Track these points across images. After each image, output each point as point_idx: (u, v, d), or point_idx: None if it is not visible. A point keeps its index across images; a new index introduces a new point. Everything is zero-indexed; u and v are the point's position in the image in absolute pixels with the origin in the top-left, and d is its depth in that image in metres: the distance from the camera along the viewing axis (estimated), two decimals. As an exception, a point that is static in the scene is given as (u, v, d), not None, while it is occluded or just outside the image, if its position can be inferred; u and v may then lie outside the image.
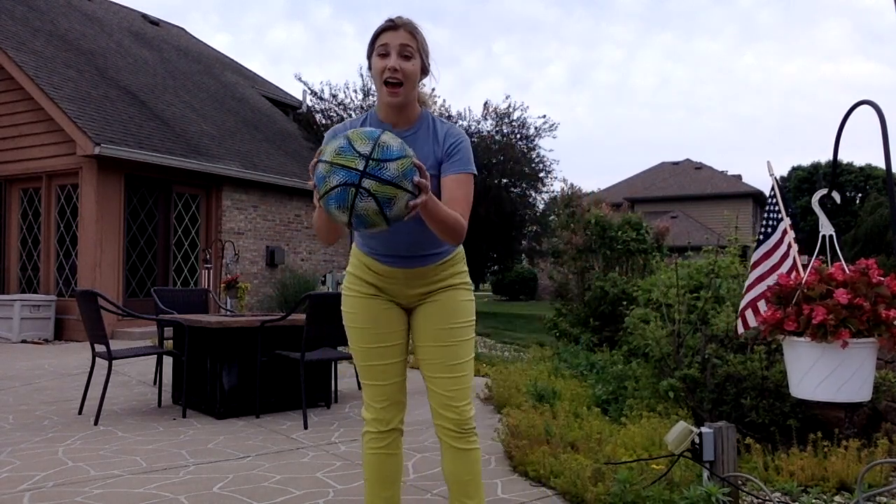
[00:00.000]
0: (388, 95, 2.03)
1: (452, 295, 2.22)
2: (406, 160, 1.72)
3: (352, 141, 1.72)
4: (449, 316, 2.20)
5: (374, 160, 1.68)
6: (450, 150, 2.09)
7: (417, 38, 2.04)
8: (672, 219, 29.12)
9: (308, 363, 4.84)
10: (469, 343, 2.24)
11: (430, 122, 2.15)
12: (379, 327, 2.22)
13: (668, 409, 3.93)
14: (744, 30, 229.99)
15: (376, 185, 1.67)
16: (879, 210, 16.12)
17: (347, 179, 1.68)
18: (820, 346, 2.12)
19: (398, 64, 2.00)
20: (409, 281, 2.20)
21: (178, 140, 11.74)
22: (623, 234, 7.94)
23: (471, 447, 2.19)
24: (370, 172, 1.68)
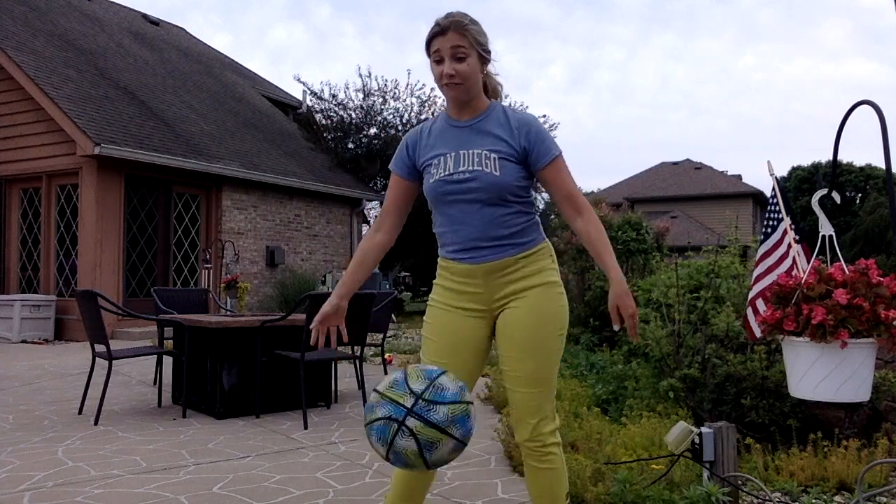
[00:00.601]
0: (450, 92, 2.05)
1: (540, 299, 2.07)
2: (460, 406, 1.67)
3: (408, 376, 1.71)
4: (535, 325, 2.06)
5: (424, 400, 1.65)
6: (529, 141, 2.06)
7: (467, 35, 2.01)
8: (672, 219, 29.12)
9: (308, 363, 4.84)
10: (555, 355, 2.10)
11: (500, 112, 2.12)
12: (448, 341, 2.12)
13: (668, 409, 3.93)
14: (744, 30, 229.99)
15: (420, 425, 1.63)
16: (879, 210, 16.12)
17: (392, 414, 1.65)
18: (819, 346, 2.12)
19: (453, 68, 2.01)
20: (488, 280, 2.08)
21: (178, 140, 11.74)
22: (623, 234, 7.94)
23: (543, 466, 2.10)
24: (417, 412, 1.64)
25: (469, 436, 1.71)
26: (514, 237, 2.07)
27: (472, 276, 2.09)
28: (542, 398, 2.08)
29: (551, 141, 2.09)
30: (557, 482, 2.13)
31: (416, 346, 9.19)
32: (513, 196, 2.06)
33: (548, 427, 2.10)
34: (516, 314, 2.07)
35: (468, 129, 2.10)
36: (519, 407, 2.10)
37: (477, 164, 2.04)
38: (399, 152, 2.20)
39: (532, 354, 2.06)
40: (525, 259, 2.09)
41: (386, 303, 5.84)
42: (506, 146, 2.05)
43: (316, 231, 14.57)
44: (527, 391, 2.07)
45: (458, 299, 2.13)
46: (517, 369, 2.08)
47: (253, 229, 12.93)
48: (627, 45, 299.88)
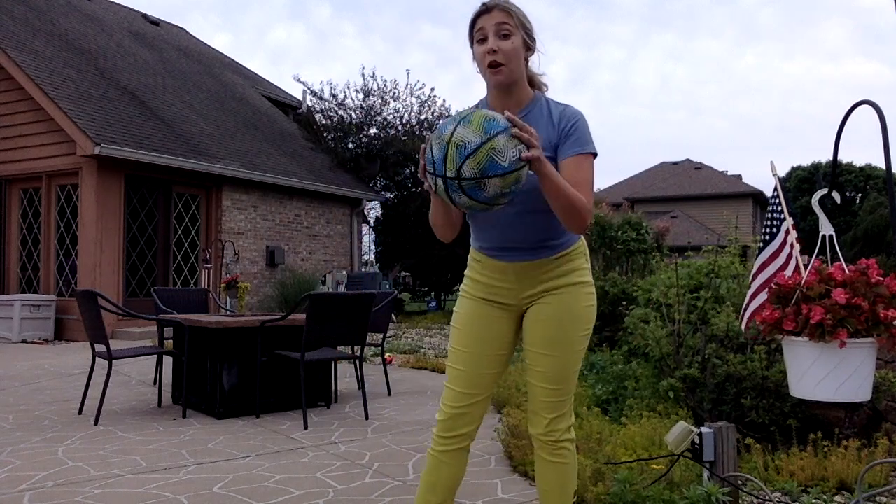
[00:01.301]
0: (492, 75, 1.95)
1: (570, 298, 2.05)
2: (481, 152, 1.67)
3: (431, 145, 1.75)
4: (560, 323, 2.04)
5: (453, 171, 1.70)
6: (566, 129, 1.96)
7: (514, 13, 1.95)
8: (672, 219, 29.12)
9: (308, 363, 4.84)
10: (579, 354, 2.09)
11: (544, 103, 2.03)
12: (476, 330, 2.10)
13: (668, 409, 3.93)
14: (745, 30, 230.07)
15: (459, 183, 1.70)
16: (879, 210, 16.11)
17: (436, 171, 1.73)
18: (818, 345, 2.11)
19: (497, 45, 1.92)
20: (521, 278, 2.06)
21: (178, 140, 11.74)
22: (623, 234, 7.94)
23: (556, 460, 2.10)
24: (449, 178, 1.70)
25: (512, 169, 1.68)
26: (551, 239, 2.04)
27: (504, 273, 2.08)
28: (561, 395, 2.08)
29: (588, 137, 1.98)
30: (568, 478, 2.13)
31: (416, 346, 9.19)
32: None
33: (563, 423, 2.10)
34: (545, 310, 2.06)
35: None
36: (537, 401, 2.10)
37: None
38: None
39: (556, 351, 2.05)
40: (560, 259, 2.06)
41: (386, 303, 5.84)
42: (549, 146, 1.97)
43: (316, 231, 14.57)
44: (547, 387, 2.07)
45: (488, 292, 2.11)
46: (540, 364, 2.07)
47: (253, 229, 12.93)
48: (627, 45, 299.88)
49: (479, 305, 2.12)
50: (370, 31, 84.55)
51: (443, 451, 2.11)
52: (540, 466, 2.15)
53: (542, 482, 2.15)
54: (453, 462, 2.12)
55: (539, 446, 2.12)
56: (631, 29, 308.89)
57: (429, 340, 10.31)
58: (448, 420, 2.10)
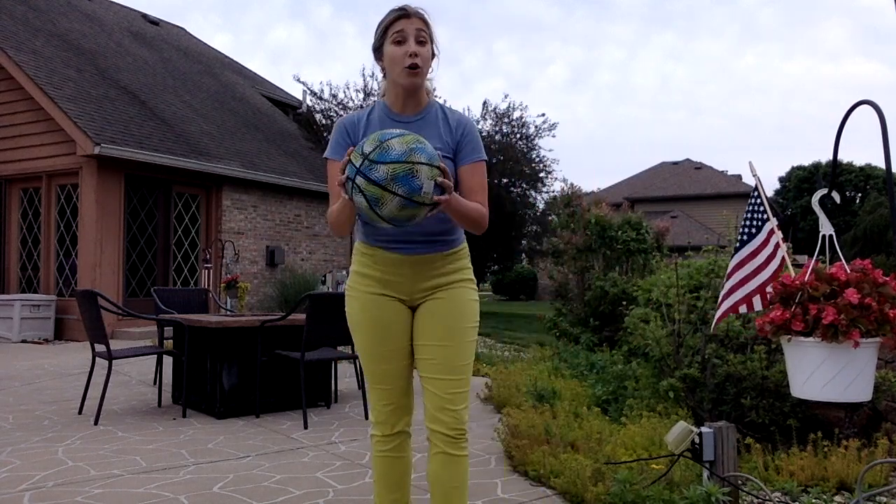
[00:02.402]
0: (410, 76, 2.06)
1: (459, 293, 2.17)
2: (401, 166, 1.77)
3: (365, 141, 1.85)
4: (454, 315, 2.15)
5: (369, 161, 1.79)
6: (462, 138, 2.13)
7: (429, 25, 2.09)
8: (672, 219, 29.12)
9: (308, 363, 4.84)
10: (472, 345, 2.19)
11: (438, 109, 2.18)
12: (383, 328, 2.16)
13: (668, 409, 3.93)
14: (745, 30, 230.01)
15: (365, 183, 1.79)
16: (879, 210, 16.11)
17: (349, 174, 1.83)
18: (828, 346, 2.11)
19: (416, 49, 2.04)
20: (415, 272, 2.14)
21: (178, 140, 11.74)
22: (623, 234, 7.94)
23: (462, 453, 2.14)
24: (362, 171, 1.79)
25: (417, 194, 1.78)
26: (445, 234, 2.15)
27: (398, 266, 2.15)
28: (462, 385, 2.15)
29: (480, 144, 2.16)
30: (468, 469, 2.19)
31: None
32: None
33: (466, 416, 2.16)
34: (439, 304, 2.15)
35: (410, 126, 2.11)
36: (440, 395, 2.13)
37: None
38: (337, 139, 2.16)
39: (454, 341, 2.13)
40: (451, 256, 2.18)
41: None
42: (446, 145, 2.11)
43: (316, 231, 14.57)
44: (447, 378, 2.12)
45: (382, 287, 2.17)
46: (437, 356, 2.13)
47: (253, 229, 12.93)
48: (627, 45, 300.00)
49: (372, 302, 2.18)
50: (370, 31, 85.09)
51: (392, 448, 2.24)
52: (445, 464, 2.14)
53: (449, 481, 2.15)
54: (404, 454, 2.27)
55: (446, 442, 2.13)
56: (631, 29, 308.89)
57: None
58: (385, 422, 2.22)
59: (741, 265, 2.64)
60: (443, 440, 2.13)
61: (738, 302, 2.65)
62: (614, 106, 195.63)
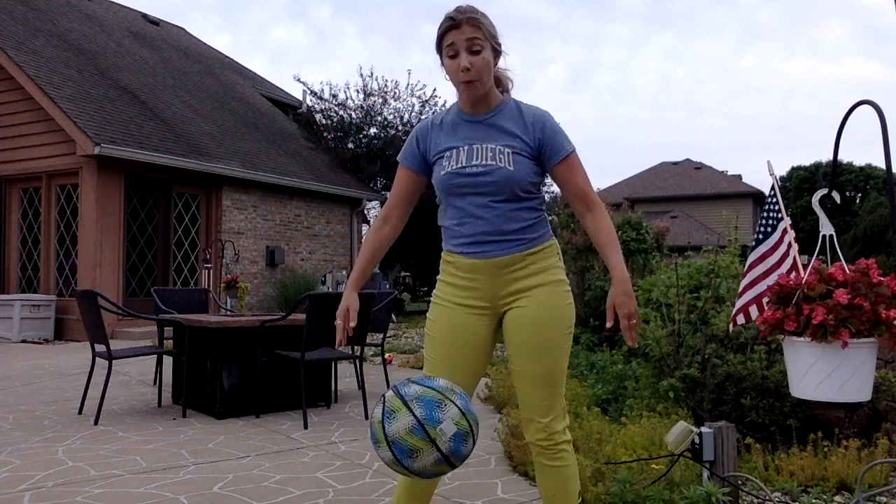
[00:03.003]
0: (467, 91, 2.02)
1: (547, 297, 2.05)
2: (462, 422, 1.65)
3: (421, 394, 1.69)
4: (544, 324, 2.04)
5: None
6: (544, 137, 2.04)
7: (482, 27, 2.00)
8: (672, 219, 29.12)
9: (308, 363, 4.83)
10: (564, 353, 2.08)
11: (513, 105, 2.10)
12: (451, 340, 2.08)
13: (668, 409, 3.93)
14: (745, 30, 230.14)
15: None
16: (879, 210, 16.12)
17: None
18: (820, 346, 2.11)
19: (469, 61, 1.97)
20: (494, 276, 2.05)
21: (178, 140, 11.74)
22: (623, 234, 7.94)
23: (556, 464, 2.07)
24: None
25: (459, 457, 1.65)
26: (523, 232, 2.04)
27: (477, 272, 2.06)
28: (552, 397, 2.06)
29: (565, 137, 2.07)
30: (570, 480, 2.10)
31: (416, 347, 9.19)
32: (524, 192, 2.04)
33: (560, 425, 2.07)
34: (524, 313, 2.04)
35: (482, 124, 2.07)
36: (529, 406, 2.07)
37: (491, 159, 2.02)
38: (408, 144, 2.17)
39: (541, 353, 2.04)
40: (533, 256, 2.06)
41: (386, 303, 5.84)
42: (519, 142, 2.04)
43: (316, 231, 14.57)
44: (537, 390, 2.05)
45: (462, 296, 2.09)
46: (527, 368, 2.05)
47: (253, 229, 12.93)
48: (627, 45, 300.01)
49: (453, 312, 2.10)
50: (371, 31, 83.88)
51: None
52: (541, 473, 2.11)
53: (546, 488, 2.11)
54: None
55: (538, 452, 2.08)
56: (631, 29, 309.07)
57: (429, 340, 10.29)
58: None
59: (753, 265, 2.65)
60: (535, 450, 2.09)
61: (747, 303, 2.66)
62: (614, 106, 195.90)
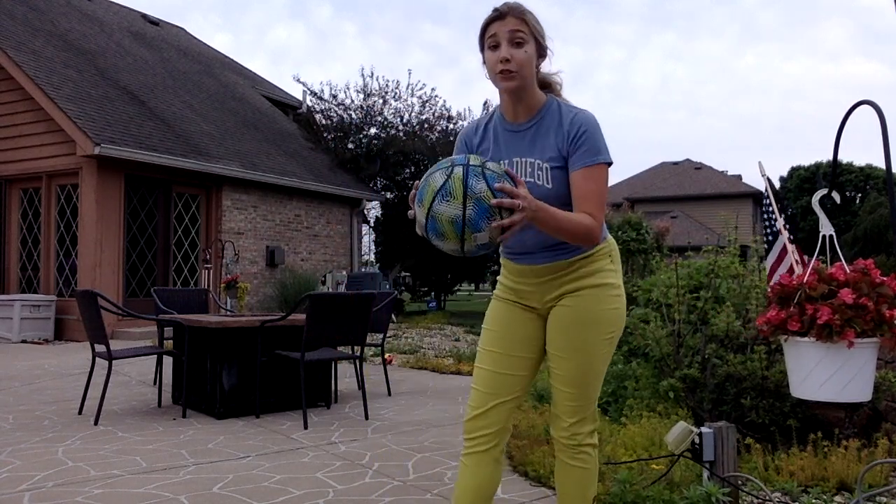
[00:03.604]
0: (502, 81, 1.91)
1: (590, 300, 2.01)
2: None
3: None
4: (581, 325, 2.01)
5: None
6: (575, 139, 1.92)
7: (528, 21, 1.91)
8: (672, 219, 29.12)
9: (308, 363, 4.83)
10: (601, 358, 2.04)
11: (556, 108, 1.99)
12: (503, 333, 2.09)
13: (668, 409, 3.93)
14: (745, 30, 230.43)
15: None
16: (879, 210, 16.13)
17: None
18: (824, 346, 2.11)
19: (510, 53, 1.89)
20: (540, 280, 2.05)
21: (178, 140, 11.74)
22: (623, 234, 7.94)
23: (575, 464, 2.08)
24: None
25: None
26: (564, 244, 1.99)
27: (525, 276, 2.09)
28: (582, 399, 2.05)
29: (599, 145, 1.93)
30: (587, 482, 2.10)
31: (416, 347, 9.19)
32: (567, 206, 1.94)
33: (585, 428, 2.08)
34: (564, 312, 2.04)
35: (522, 135, 2.01)
36: (558, 404, 2.09)
37: (529, 176, 1.96)
38: (458, 148, 2.13)
39: (575, 354, 2.02)
40: (581, 261, 2.03)
41: (386, 303, 5.84)
42: (558, 154, 1.95)
43: (316, 231, 14.57)
44: (567, 391, 2.05)
45: (516, 295, 2.13)
46: (559, 367, 2.06)
47: (253, 229, 12.93)
48: (628, 45, 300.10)
49: (507, 307, 2.14)
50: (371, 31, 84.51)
51: (467, 455, 2.05)
52: (560, 469, 2.13)
53: (562, 486, 2.13)
54: (476, 467, 2.03)
55: (559, 449, 2.11)
56: (631, 29, 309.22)
57: (429, 340, 10.30)
58: (471, 420, 2.06)
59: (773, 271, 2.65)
60: (558, 446, 2.11)
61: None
62: (614, 106, 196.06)
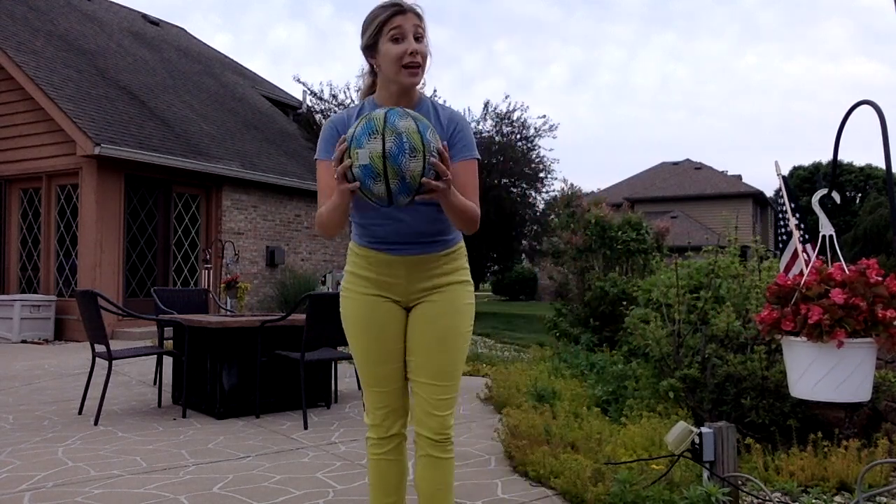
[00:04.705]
0: (409, 77, 1.98)
1: (453, 296, 2.12)
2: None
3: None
4: (446, 320, 2.10)
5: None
6: (454, 135, 2.04)
7: (423, 21, 2.00)
8: (672, 219, 29.11)
9: (308, 363, 4.84)
10: (464, 350, 2.15)
11: (430, 104, 2.09)
12: (377, 329, 2.12)
13: (668, 409, 3.93)
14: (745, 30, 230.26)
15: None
16: (879, 210, 16.13)
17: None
18: (816, 345, 2.11)
19: (416, 46, 1.95)
20: (410, 272, 2.09)
21: (178, 140, 11.74)
22: (623, 234, 7.94)
23: (447, 456, 2.12)
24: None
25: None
26: (441, 234, 2.09)
27: (393, 267, 2.10)
28: (452, 391, 2.12)
29: (473, 142, 2.08)
30: (452, 472, 2.16)
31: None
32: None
33: (452, 420, 2.14)
34: (434, 308, 2.11)
35: None
36: (428, 400, 2.10)
37: None
38: (327, 138, 2.06)
39: (446, 346, 2.10)
40: (447, 257, 2.13)
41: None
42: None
43: (316, 231, 14.55)
44: (440, 384, 2.10)
45: (378, 288, 2.13)
46: (429, 361, 2.10)
47: (253, 229, 12.93)
48: (628, 45, 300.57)
49: (367, 303, 2.13)
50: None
51: (386, 452, 2.18)
52: (431, 466, 2.12)
53: (434, 482, 2.12)
54: (399, 457, 2.21)
55: (431, 445, 2.11)
56: (631, 29, 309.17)
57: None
58: (380, 425, 2.17)
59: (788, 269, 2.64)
60: (428, 443, 2.11)
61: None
62: (614, 106, 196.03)
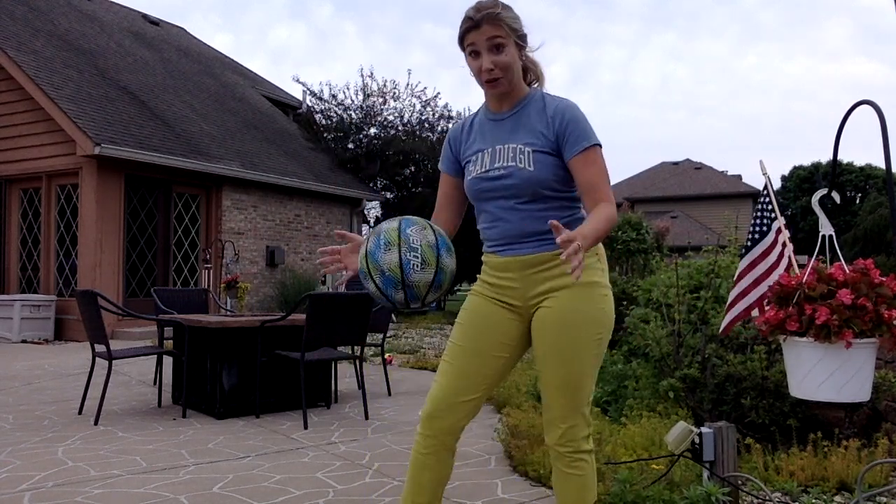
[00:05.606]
0: (491, 89, 1.99)
1: (576, 299, 1.95)
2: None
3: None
4: (568, 325, 1.94)
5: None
6: (562, 127, 1.94)
7: (502, 23, 1.92)
8: (672, 219, 29.12)
9: (308, 363, 4.83)
10: (590, 360, 1.97)
11: (539, 98, 2.03)
12: (480, 321, 2.04)
13: (668, 409, 3.93)
14: (746, 30, 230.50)
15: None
16: (879, 210, 16.12)
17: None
18: (822, 346, 2.11)
19: (492, 60, 1.93)
20: (524, 274, 1.99)
21: (178, 140, 11.74)
22: (623, 234, 7.94)
23: (573, 472, 2.00)
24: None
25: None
26: (550, 232, 1.94)
27: (507, 270, 2.03)
28: (573, 403, 1.98)
29: (587, 129, 1.94)
30: (585, 490, 2.03)
31: (415, 346, 9.19)
32: (550, 191, 1.97)
33: (580, 433, 2.01)
34: (548, 314, 1.97)
35: (505, 122, 2.04)
36: (550, 410, 2.01)
37: (511, 160, 1.97)
38: (444, 150, 2.17)
39: (562, 358, 1.96)
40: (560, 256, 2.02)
41: (386, 303, 5.84)
42: (541, 138, 1.97)
43: (316, 231, 14.56)
44: (557, 395, 1.99)
45: (497, 292, 2.06)
46: (548, 372, 2.00)
47: (253, 229, 12.93)
48: (628, 45, 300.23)
49: (485, 302, 2.07)
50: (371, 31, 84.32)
51: (426, 454, 2.03)
52: (557, 478, 2.06)
53: (560, 494, 2.06)
54: (437, 465, 2.04)
55: (555, 457, 2.03)
56: (631, 29, 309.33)
57: (429, 340, 10.30)
58: (429, 419, 2.02)
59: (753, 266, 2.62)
60: (555, 455, 2.03)
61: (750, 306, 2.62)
62: (614, 106, 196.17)
